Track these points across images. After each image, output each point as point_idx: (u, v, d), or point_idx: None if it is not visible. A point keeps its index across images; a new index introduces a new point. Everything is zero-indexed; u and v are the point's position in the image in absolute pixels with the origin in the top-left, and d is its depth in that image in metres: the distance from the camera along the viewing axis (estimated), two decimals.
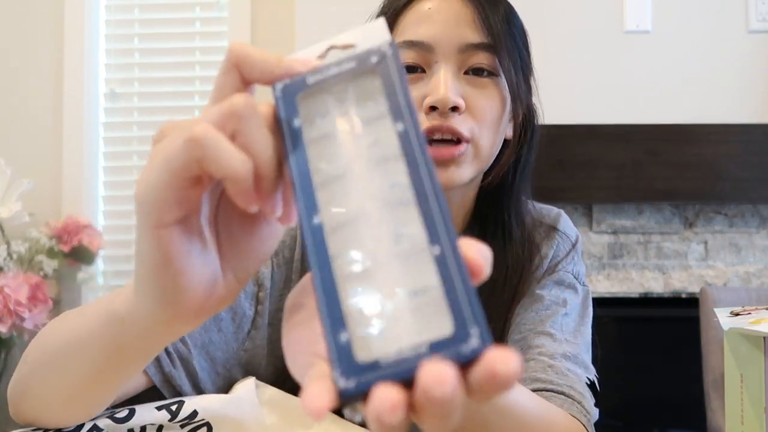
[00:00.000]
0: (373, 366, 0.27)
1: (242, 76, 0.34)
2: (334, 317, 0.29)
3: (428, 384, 0.25)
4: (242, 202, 0.32)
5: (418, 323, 0.28)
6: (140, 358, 0.44)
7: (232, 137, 0.31)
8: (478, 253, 0.29)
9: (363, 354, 0.28)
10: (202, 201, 0.34)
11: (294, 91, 0.33)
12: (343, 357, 0.28)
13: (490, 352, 0.26)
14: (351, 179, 0.31)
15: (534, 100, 0.79)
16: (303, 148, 0.32)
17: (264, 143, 0.31)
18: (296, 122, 0.32)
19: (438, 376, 0.25)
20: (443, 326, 0.27)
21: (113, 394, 0.52)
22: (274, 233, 0.37)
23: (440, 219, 0.29)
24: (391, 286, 0.29)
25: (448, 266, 0.28)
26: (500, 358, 0.26)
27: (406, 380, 0.26)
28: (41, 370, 0.51)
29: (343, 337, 0.28)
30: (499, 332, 0.75)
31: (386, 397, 0.26)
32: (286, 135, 0.32)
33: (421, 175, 0.30)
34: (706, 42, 1.96)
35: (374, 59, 0.33)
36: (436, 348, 0.27)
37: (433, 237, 0.29)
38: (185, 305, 0.34)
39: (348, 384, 0.27)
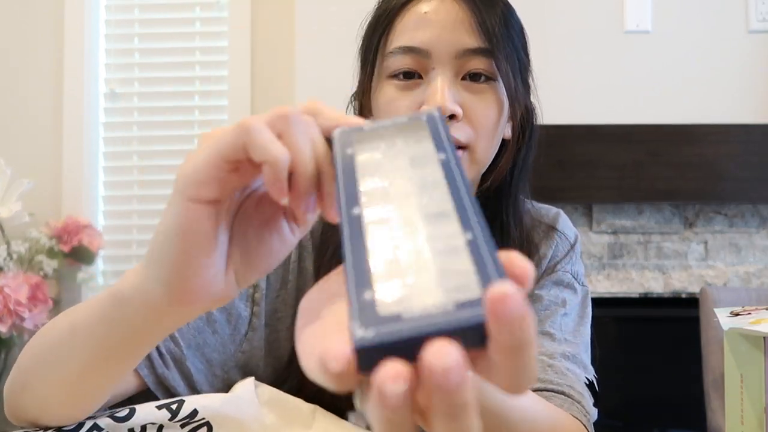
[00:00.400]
0: (395, 318, 0.26)
1: None
2: (360, 278, 0.28)
3: (430, 357, 0.24)
4: (275, 192, 0.34)
5: (446, 288, 0.27)
6: (138, 341, 0.45)
7: (279, 136, 0.35)
8: (523, 262, 0.28)
9: (385, 310, 0.27)
10: (233, 196, 0.37)
11: (350, 132, 0.37)
12: (364, 310, 0.27)
13: (492, 287, 0.25)
14: (394, 193, 0.33)
15: (533, 99, 0.79)
16: (353, 167, 0.35)
17: (305, 145, 0.35)
18: (349, 150, 0.36)
19: (441, 348, 0.24)
20: (471, 290, 0.27)
21: (111, 385, 0.52)
22: (284, 248, 0.40)
23: (474, 215, 0.30)
24: (422, 262, 0.29)
25: (480, 250, 0.28)
26: (500, 288, 0.25)
27: (426, 340, 0.25)
28: (42, 363, 0.51)
29: (368, 294, 0.27)
30: None
31: (391, 367, 0.24)
32: (338, 158, 0.35)
33: (460, 192, 0.32)
34: (706, 42, 1.96)
35: (423, 117, 0.37)
36: (463, 307, 0.26)
37: (466, 226, 0.30)
38: (186, 284, 0.37)
39: (366, 333, 0.26)
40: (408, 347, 0.25)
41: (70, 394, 0.51)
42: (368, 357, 0.25)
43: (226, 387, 0.69)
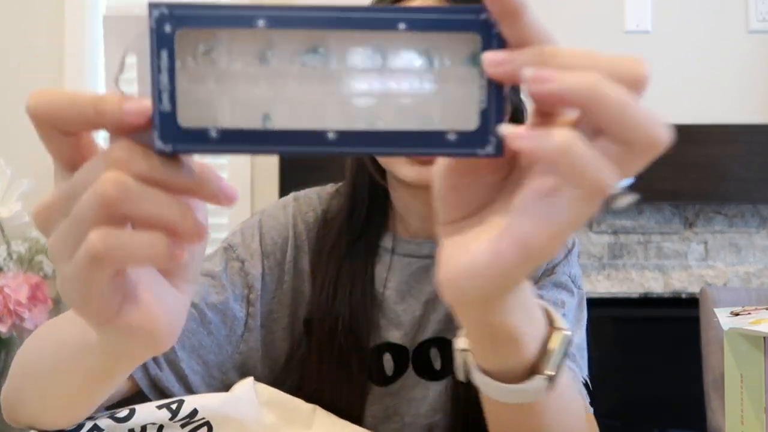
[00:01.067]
0: (484, 129, 0.30)
1: (65, 132, 0.29)
2: (423, 140, 0.30)
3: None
4: (178, 264, 0.30)
5: (445, 69, 0.30)
6: (131, 366, 0.44)
7: (127, 221, 0.28)
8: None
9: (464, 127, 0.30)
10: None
11: (170, 123, 0.29)
12: (462, 143, 0.30)
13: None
14: (286, 94, 0.29)
15: (524, 97, 0.79)
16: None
17: (159, 204, 0.28)
18: (213, 133, 0.29)
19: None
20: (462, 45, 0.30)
21: (106, 395, 0.52)
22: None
23: (364, 11, 0.29)
24: (412, 79, 0.30)
25: (419, 22, 0.29)
26: None
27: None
28: (34, 381, 0.52)
29: (450, 136, 0.30)
30: None
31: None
32: (219, 146, 0.29)
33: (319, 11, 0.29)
34: (706, 42, 1.96)
35: (164, 26, 0.29)
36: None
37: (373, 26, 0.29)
38: (162, 335, 0.33)
39: (488, 148, 0.30)
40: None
41: (65, 410, 0.51)
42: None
43: (224, 388, 0.69)
